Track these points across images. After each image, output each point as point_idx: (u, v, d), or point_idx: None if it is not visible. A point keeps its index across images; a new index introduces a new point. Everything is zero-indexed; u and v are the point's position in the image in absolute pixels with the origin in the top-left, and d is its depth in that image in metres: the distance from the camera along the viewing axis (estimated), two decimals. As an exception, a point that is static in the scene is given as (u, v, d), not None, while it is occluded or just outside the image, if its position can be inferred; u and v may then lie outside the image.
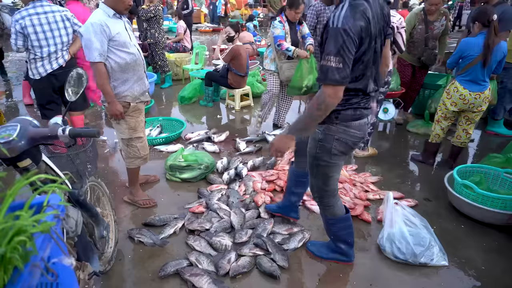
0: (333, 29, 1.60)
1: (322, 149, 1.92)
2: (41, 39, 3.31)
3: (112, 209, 2.42)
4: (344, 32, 1.57)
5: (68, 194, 1.73)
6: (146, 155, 2.89)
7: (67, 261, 0.78)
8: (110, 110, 2.58)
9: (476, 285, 2.22)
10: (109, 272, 2.25)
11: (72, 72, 1.75)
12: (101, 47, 2.42)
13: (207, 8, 17.05)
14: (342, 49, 1.58)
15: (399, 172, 3.60)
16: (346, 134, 1.86)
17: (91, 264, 1.71)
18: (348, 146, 1.91)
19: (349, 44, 1.59)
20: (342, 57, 1.59)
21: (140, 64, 2.67)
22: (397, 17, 3.52)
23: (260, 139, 4.27)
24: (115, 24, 2.49)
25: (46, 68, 3.43)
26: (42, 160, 1.55)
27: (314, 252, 2.40)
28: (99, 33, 2.40)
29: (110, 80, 2.56)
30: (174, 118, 4.67)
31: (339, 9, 1.62)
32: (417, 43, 4.29)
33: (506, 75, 4.14)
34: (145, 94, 2.79)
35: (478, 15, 3.10)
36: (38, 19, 3.28)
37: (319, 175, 2.03)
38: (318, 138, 1.91)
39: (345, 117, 1.83)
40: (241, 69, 5.04)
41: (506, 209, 2.61)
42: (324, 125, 1.87)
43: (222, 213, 2.79)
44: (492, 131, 4.56)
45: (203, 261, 2.27)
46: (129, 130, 2.72)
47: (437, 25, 4.21)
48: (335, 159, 1.93)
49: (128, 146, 2.79)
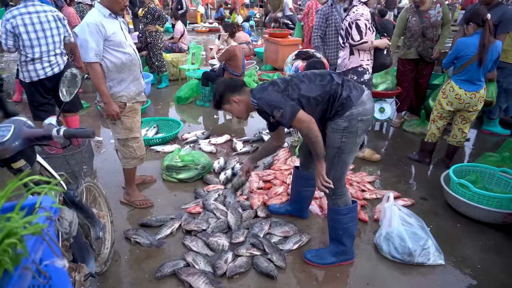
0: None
1: (349, 135, 2.05)
2: (32, 39, 3.23)
3: (108, 210, 2.41)
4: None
5: (64, 195, 1.72)
6: (142, 155, 2.88)
7: (59, 263, 0.77)
8: (106, 110, 2.57)
9: (473, 283, 2.22)
10: (106, 273, 2.24)
11: (66, 72, 1.74)
12: (97, 47, 2.42)
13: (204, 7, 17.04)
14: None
15: (395, 171, 3.61)
16: (364, 111, 2.04)
17: (87, 265, 1.70)
18: (368, 122, 2.09)
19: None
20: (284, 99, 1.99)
21: (136, 64, 2.65)
22: (355, 13, 3.26)
23: (257, 139, 4.27)
24: (110, 24, 2.49)
25: (38, 74, 3.33)
26: (36, 161, 1.54)
27: (314, 261, 2.33)
28: (95, 33, 2.39)
29: (106, 80, 2.55)
30: (171, 118, 4.66)
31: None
32: (415, 35, 4.27)
33: (501, 75, 4.15)
34: (141, 94, 2.77)
35: (472, 16, 3.12)
36: (30, 18, 3.20)
37: (340, 164, 2.13)
38: (343, 126, 2.04)
39: (357, 96, 2.02)
40: (237, 69, 5.04)
41: (502, 207, 2.62)
42: (346, 113, 2.02)
43: (219, 213, 2.78)
44: (487, 130, 4.57)
45: (200, 262, 2.26)
46: (125, 131, 2.71)
47: (432, 13, 4.16)
48: (359, 140, 2.11)
49: (124, 146, 2.78)
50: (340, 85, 2.02)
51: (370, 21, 3.27)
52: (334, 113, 2.04)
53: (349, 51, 3.37)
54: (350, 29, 3.30)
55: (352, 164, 3.65)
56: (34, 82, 3.36)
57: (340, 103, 2.01)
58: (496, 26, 3.83)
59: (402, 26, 4.37)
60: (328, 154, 2.12)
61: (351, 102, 2.00)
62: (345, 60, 3.43)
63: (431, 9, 4.17)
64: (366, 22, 3.23)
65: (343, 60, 3.45)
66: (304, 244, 2.51)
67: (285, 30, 8.77)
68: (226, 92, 2.14)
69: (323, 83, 2.04)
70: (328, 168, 2.13)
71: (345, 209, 2.21)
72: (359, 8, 3.27)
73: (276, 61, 7.78)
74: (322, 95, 2.02)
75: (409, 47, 4.35)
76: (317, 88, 2.03)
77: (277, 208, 2.87)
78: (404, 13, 4.37)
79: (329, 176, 2.13)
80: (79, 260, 1.66)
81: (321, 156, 2.07)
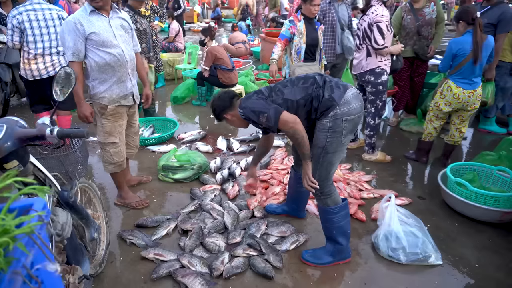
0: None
1: (333, 135, 2.05)
2: (36, 35, 3.34)
3: (103, 211, 2.38)
4: None
5: (58, 196, 1.70)
6: (120, 161, 2.75)
7: (51, 267, 0.75)
8: (78, 111, 2.53)
9: (470, 282, 2.22)
10: (101, 275, 2.22)
11: (60, 71, 1.71)
12: (74, 46, 2.36)
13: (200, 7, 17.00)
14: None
15: (392, 170, 3.60)
16: (349, 111, 2.02)
17: (82, 267, 1.68)
18: (355, 122, 2.07)
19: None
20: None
21: (123, 65, 2.54)
22: (374, 13, 3.26)
23: (254, 138, 4.25)
24: (93, 22, 2.39)
25: (41, 73, 3.45)
26: (29, 162, 1.51)
27: (311, 261, 2.32)
28: (72, 31, 2.34)
29: (89, 80, 2.50)
30: (167, 118, 4.63)
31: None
32: (410, 33, 4.27)
33: (498, 74, 4.15)
34: (128, 98, 2.65)
35: (461, 14, 3.14)
36: (35, 14, 3.33)
37: (325, 164, 2.12)
38: (328, 126, 2.04)
39: (339, 95, 2.02)
40: (226, 63, 5.10)
41: (499, 206, 2.62)
42: (330, 113, 2.02)
43: (215, 214, 2.76)
44: (484, 129, 4.58)
45: (196, 263, 2.24)
46: (104, 134, 2.63)
47: (427, 11, 4.18)
48: (345, 140, 2.09)
49: (102, 149, 2.72)
50: (321, 87, 2.05)
51: (389, 22, 3.27)
52: (320, 114, 2.06)
53: (365, 53, 3.36)
54: (369, 31, 3.27)
55: (349, 163, 3.69)
56: (37, 80, 3.47)
57: (324, 104, 2.02)
58: (496, 26, 3.84)
59: (398, 25, 4.37)
60: (314, 154, 2.13)
61: (334, 102, 2.01)
62: (362, 61, 3.42)
63: (426, 7, 4.18)
64: (386, 23, 3.22)
65: (360, 62, 3.44)
66: (301, 244, 2.49)
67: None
68: (218, 110, 2.25)
69: (306, 85, 2.08)
70: (314, 168, 2.14)
71: (336, 208, 2.21)
72: (378, 8, 3.24)
73: (272, 61, 7.75)
74: (305, 97, 2.05)
75: (405, 45, 4.35)
76: (300, 91, 2.07)
77: (274, 208, 2.85)
78: (399, 12, 4.38)
79: (315, 176, 2.14)
80: (73, 262, 1.64)
81: (307, 157, 2.11)
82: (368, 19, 3.29)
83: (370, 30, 3.27)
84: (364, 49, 3.38)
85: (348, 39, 4.34)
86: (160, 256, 2.33)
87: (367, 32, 3.30)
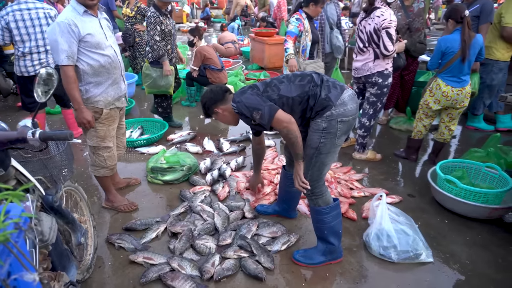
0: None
1: (327, 136, 2.02)
2: (23, 34, 3.46)
3: (91, 215, 2.33)
4: None
5: (42, 201, 1.65)
6: (113, 165, 2.72)
7: (28, 277, 0.71)
8: (77, 117, 2.42)
9: (461, 279, 2.23)
10: (88, 280, 2.17)
11: (41, 71, 1.66)
12: (69, 48, 2.24)
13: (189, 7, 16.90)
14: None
15: (382, 169, 3.61)
16: (345, 112, 1.99)
17: (68, 273, 1.63)
18: (349, 123, 2.05)
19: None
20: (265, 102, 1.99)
21: (116, 67, 2.50)
22: (381, 18, 3.25)
23: (244, 138, 4.22)
24: (86, 23, 2.31)
25: (28, 70, 3.56)
26: (11, 165, 1.47)
27: (303, 261, 2.30)
28: (67, 33, 2.22)
29: (82, 83, 2.40)
30: (156, 119, 4.57)
31: None
32: (402, 30, 4.28)
33: (484, 71, 4.20)
34: (121, 99, 2.62)
35: (451, 13, 3.17)
36: (21, 15, 3.44)
37: (317, 164, 2.09)
38: (322, 127, 2.01)
39: (336, 96, 1.99)
40: (215, 63, 5.07)
41: (488, 203, 2.64)
42: (326, 113, 1.99)
43: (206, 215, 2.73)
44: (472, 126, 4.63)
45: (186, 266, 2.20)
46: (98, 139, 2.56)
47: (415, 6, 4.24)
48: (339, 142, 2.07)
49: (94, 154, 2.64)
50: (318, 86, 2.01)
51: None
52: (315, 114, 2.03)
53: (373, 55, 3.37)
54: (375, 36, 3.28)
55: (339, 162, 3.69)
56: (25, 77, 3.60)
57: (320, 103, 1.99)
58: (478, 18, 3.99)
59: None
60: (307, 154, 2.10)
61: (331, 102, 1.98)
62: (368, 63, 3.42)
63: (414, 2, 4.23)
64: (394, 27, 3.25)
65: (366, 64, 3.44)
66: (293, 245, 2.47)
67: (271, 29, 8.74)
68: (209, 103, 2.18)
69: (302, 83, 2.04)
70: (306, 168, 2.12)
71: (327, 208, 2.19)
72: (385, 12, 3.23)
73: (262, 60, 7.75)
74: (301, 95, 2.01)
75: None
76: (296, 88, 2.03)
77: (265, 208, 2.83)
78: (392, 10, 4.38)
79: (306, 176, 2.12)
80: (59, 268, 1.59)
81: (300, 157, 2.08)
82: (374, 24, 3.28)
83: (377, 36, 3.28)
84: (370, 52, 3.39)
85: (337, 38, 4.34)
86: (150, 260, 2.29)
87: (373, 37, 3.31)
